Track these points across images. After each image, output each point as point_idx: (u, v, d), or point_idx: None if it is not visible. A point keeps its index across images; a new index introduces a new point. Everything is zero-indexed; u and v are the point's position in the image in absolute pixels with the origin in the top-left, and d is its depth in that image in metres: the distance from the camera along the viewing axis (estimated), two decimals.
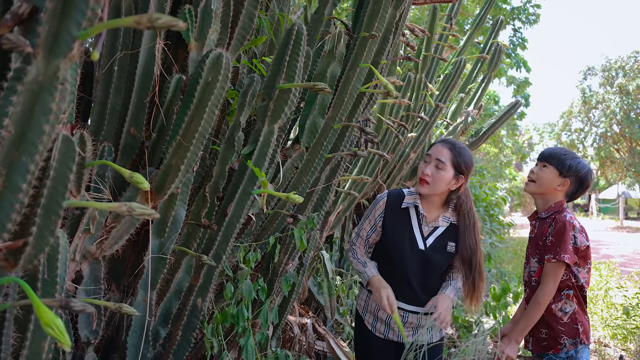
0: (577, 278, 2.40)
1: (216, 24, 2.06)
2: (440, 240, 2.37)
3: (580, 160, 2.50)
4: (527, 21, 14.89)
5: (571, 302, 2.41)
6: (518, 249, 12.46)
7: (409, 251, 2.35)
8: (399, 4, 2.69)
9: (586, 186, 2.50)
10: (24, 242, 1.17)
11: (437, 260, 2.36)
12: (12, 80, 1.01)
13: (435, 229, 2.38)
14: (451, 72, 5.37)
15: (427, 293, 2.36)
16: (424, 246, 2.36)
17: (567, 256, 2.32)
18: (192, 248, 2.18)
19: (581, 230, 2.40)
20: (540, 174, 2.51)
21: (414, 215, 2.40)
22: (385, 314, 2.37)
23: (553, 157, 2.50)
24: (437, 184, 2.31)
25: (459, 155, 2.32)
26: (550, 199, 2.51)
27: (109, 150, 1.87)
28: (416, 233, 2.38)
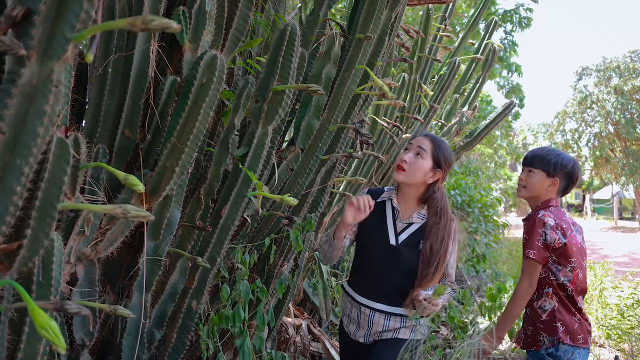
0: (556, 276, 2.41)
1: (210, 26, 2.06)
2: (413, 237, 2.26)
3: (564, 156, 2.53)
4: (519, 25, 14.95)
5: (550, 300, 2.43)
6: (513, 249, 12.50)
7: (380, 246, 2.27)
8: (395, 6, 2.70)
9: (575, 179, 2.54)
10: (18, 245, 1.16)
11: (409, 257, 2.23)
12: (5, 82, 1.01)
13: (409, 226, 2.29)
14: (445, 73, 5.38)
15: (397, 293, 2.24)
16: (396, 242, 2.26)
17: (532, 252, 2.37)
18: (187, 250, 2.17)
19: (555, 227, 2.40)
20: (529, 179, 2.54)
21: (389, 210, 2.33)
22: (355, 312, 2.30)
23: (537, 160, 2.53)
24: (414, 172, 2.25)
25: (439, 148, 2.27)
26: (541, 199, 2.53)
27: (104, 152, 1.87)
28: (389, 228, 2.29)
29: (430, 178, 2.27)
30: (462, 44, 6.24)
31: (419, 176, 2.25)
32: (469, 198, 8.36)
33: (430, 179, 2.27)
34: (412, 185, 2.28)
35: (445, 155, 2.28)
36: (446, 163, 2.28)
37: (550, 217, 2.42)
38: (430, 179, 2.27)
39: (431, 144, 2.28)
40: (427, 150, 2.26)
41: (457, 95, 5.90)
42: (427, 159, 2.25)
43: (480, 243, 8.24)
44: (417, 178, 2.25)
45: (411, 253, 2.23)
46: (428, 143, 2.28)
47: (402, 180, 2.28)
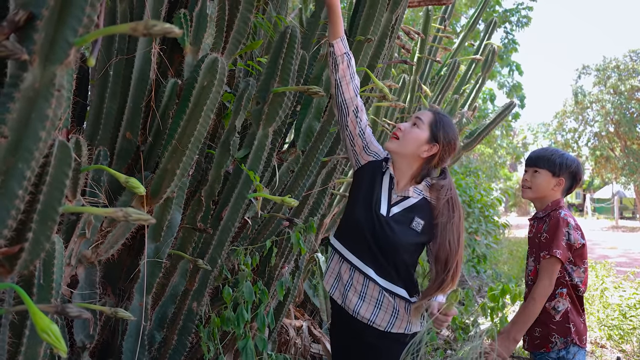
0: (571, 276, 2.41)
1: (211, 28, 2.06)
2: (407, 212, 2.04)
3: (568, 155, 2.53)
4: (519, 24, 14.99)
5: (564, 301, 2.42)
6: (513, 249, 12.51)
7: (369, 212, 2.03)
8: (395, 8, 2.70)
9: (579, 179, 2.54)
10: (19, 248, 1.17)
11: (399, 234, 1.99)
12: (8, 87, 1.01)
13: (405, 199, 2.06)
14: (445, 73, 5.38)
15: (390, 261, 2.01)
16: (387, 212, 2.03)
17: (559, 251, 2.34)
18: (188, 252, 2.18)
19: (576, 227, 2.41)
20: (534, 180, 2.53)
21: (387, 179, 2.08)
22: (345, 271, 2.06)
23: (542, 160, 2.52)
24: (406, 141, 2.04)
25: (440, 122, 2.05)
26: (547, 199, 2.53)
27: (105, 154, 1.87)
28: (383, 196, 2.06)
29: (424, 152, 2.04)
30: (462, 45, 6.24)
31: (412, 146, 2.03)
32: (469, 198, 8.35)
33: (425, 152, 2.04)
34: (405, 157, 2.06)
35: (445, 131, 2.05)
36: (445, 139, 2.04)
37: (571, 218, 2.42)
38: (424, 153, 2.04)
39: (432, 115, 2.08)
40: (424, 121, 2.05)
41: (457, 95, 5.90)
42: (424, 129, 2.04)
43: (480, 243, 8.24)
44: (409, 148, 2.04)
45: (401, 229, 2.01)
46: (429, 114, 2.08)
47: (392, 148, 2.07)
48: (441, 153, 2.05)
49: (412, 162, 2.06)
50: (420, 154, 2.04)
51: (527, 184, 2.57)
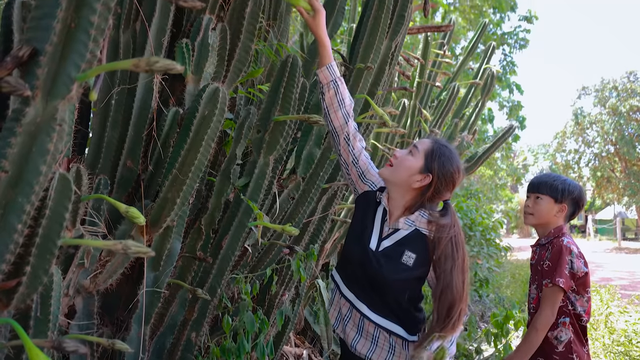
0: (574, 306, 2.39)
1: (213, 57, 2.08)
2: (398, 246, 1.91)
3: (570, 182, 2.53)
4: (516, 46, 15.15)
5: (567, 331, 2.39)
6: (516, 273, 12.42)
7: (359, 245, 1.95)
8: (395, 36, 2.72)
9: (582, 205, 2.53)
10: (17, 282, 1.16)
11: (387, 269, 1.88)
12: (10, 121, 1.02)
13: (395, 232, 1.94)
14: (445, 98, 5.41)
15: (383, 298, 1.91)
16: (376, 247, 1.92)
17: (561, 280, 2.32)
18: (187, 281, 2.16)
19: (579, 255, 2.39)
20: (537, 206, 2.52)
21: (381, 211, 1.99)
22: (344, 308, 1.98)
23: (544, 186, 2.51)
24: (399, 169, 1.93)
25: (437, 152, 1.92)
26: (550, 226, 2.51)
27: (105, 183, 1.87)
28: (375, 229, 1.96)
29: (417, 182, 1.91)
30: (461, 69, 6.28)
31: (404, 175, 1.92)
32: (470, 221, 8.33)
33: (417, 183, 1.91)
34: (397, 186, 1.95)
35: (441, 162, 1.91)
36: (441, 171, 1.91)
37: (574, 245, 2.40)
38: (416, 183, 1.91)
39: (430, 144, 1.95)
40: (420, 150, 1.94)
41: (457, 119, 5.93)
42: (419, 158, 1.92)
43: (482, 267, 8.19)
44: (400, 176, 1.93)
45: (390, 264, 1.89)
46: (427, 143, 1.96)
47: (384, 175, 1.98)
48: (436, 185, 1.91)
49: (405, 192, 1.94)
50: (412, 184, 1.92)
51: (529, 210, 2.56)
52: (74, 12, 1.01)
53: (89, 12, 1.01)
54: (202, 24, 2.03)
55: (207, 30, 2.04)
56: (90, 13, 1.01)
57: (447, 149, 1.96)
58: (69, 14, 1.01)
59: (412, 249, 1.90)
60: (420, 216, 1.93)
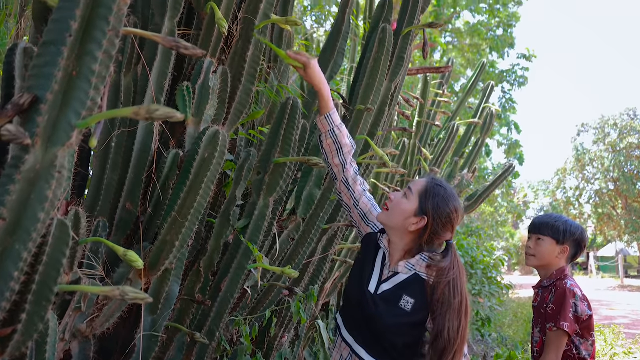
0: (578, 350, 2.35)
1: (214, 100, 2.10)
2: (397, 290, 1.85)
3: (572, 223, 2.51)
4: (516, 83, 15.34)
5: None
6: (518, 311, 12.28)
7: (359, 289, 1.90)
8: (394, 77, 2.75)
9: (583, 246, 2.51)
10: (12, 330, 1.14)
11: (384, 313, 1.82)
12: (9, 168, 1.02)
13: (395, 275, 1.88)
14: (444, 137, 5.44)
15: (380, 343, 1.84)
16: (375, 289, 1.87)
17: (566, 324, 2.28)
18: (186, 324, 2.14)
19: (583, 298, 2.36)
20: (538, 248, 2.50)
21: (381, 254, 1.95)
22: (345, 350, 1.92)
23: (546, 227, 2.50)
24: (394, 213, 1.89)
25: (431, 193, 1.86)
26: (552, 267, 2.49)
27: (104, 225, 1.87)
28: (375, 271, 1.92)
29: (412, 225, 1.85)
30: (460, 108, 6.34)
31: (399, 219, 1.87)
32: (471, 259, 8.28)
33: (413, 226, 1.85)
34: (394, 230, 1.90)
35: (435, 202, 1.85)
36: (436, 212, 1.85)
37: (578, 288, 2.37)
38: (412, 227, 1.86)
39: (424, 185, 1.90)
40: (414, 192, 1.89)
41: (457, 158, 5.96)
42: (412, 201, 1.87)
43: (484, 306, 8.10)
44: (396, 221, 1.88)
45: (387, 308, 1.83)
46: (421, 184, 1.91)
47: (381, 220, 1.95)
48: (432, 227, 1.85)
49: (402, 236, 1.89)
50: (408, 227, 1.86)
51: (531, 252, 2.54)
52: (75, 60, 1.03)
53: (90, 61, 1.03)
54: (203, 67, 2.05)
55: (208, 73, 2.06)
56: (92, 61, 1.03)
57: (442, 189, 1.89)
58: (70, 62, 1.02)
59: (411, 293, 1.83)
60: (421, 260, 1.88)
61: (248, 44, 2.16)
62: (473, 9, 13.97)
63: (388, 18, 2.80)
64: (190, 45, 1.10)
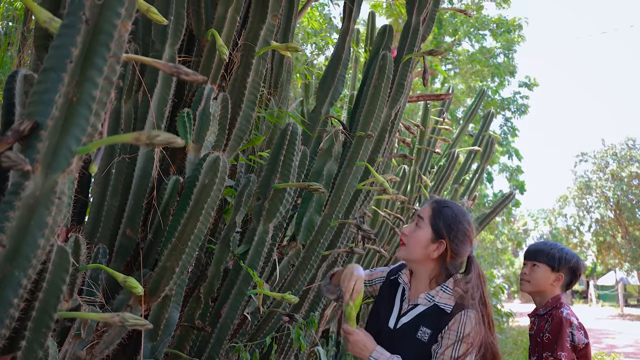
0: None
1: (214, 126, 2.11)
2: (414, 322, 1.84)
3: (567, 251, 2.51)
4: (517, 111, 15.44)
5: None
6: (518, 339, 12.14)
7: (381, 327, 1.92)
8: (394, 104, 2.77)
9: (579, 274, 2.50)
10: (12, 357, 1.13)
11: (405, 347, 1.82)
12: (9, 194, 1.02)
13: (414, 307, 1.87)
14: (445, 164, 5.46)
15: None
16: (394, 325, 1.88)
17: (564, 354, 2.27)
18: (185, 351, 2.11)
19: (579, 327, 2.35)
20: (533, 274, 2.50)
21: (400, 289, 1.96)
22: None
23: (541, 254, 2.51)
24: (412, 246, 1.87)
25: (438, 214, 1.86)
26: (547, 294, 2.48)
27: (104, 251, 1.86)
28: (395, 308, 1.92)
29: (434, 252, 1.85)
30: (461, 135, 6.37)
31: (419, 251, 1.86)
32: None
33: (435, 252, 1.85)
34: (417, 263, 1.90)
35: (447, 222, 1.85)
36: (451, 232, 1.84)
37: (574, 317, 2.36)
38: (434, 253, 1.85)
39: (430, 209, 1.89)
40: (424, 219, 1.88)
41: (457, 185, 5.96)
42: (425, 228, 1.86)
43: None
44: (415, 253, 1.87)
45: (406, 341, 1.83)
46: (427, 209, 1.90)
47: (402, 256, 1.94)
48: (452, 247, 1.84)
49: (427, 264, 1.88)
50: (430, 254, 1.86)
51: (526, 278, 2.54)
52: (76, 86, 1.03)
53: (91, 87, 1.03)
54: (203, 93, 2.07)
55: (209, 99, 2.08)
56: (92, 87, 1.03)
57: (448, 209, 1.89)
58: (71, 88, 1.02)
59: (428, 324, 1.82)
60: (442, 291, 1.85)
61: (248, 71, 2.18)
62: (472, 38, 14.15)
63: (388, 45, 2.84)
64: (191, 71, 1.11)
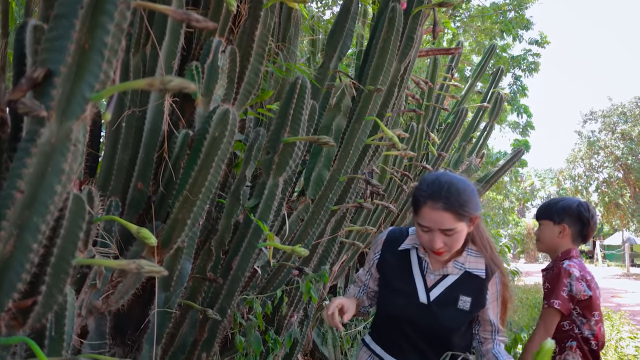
0: (580, 329, 2.35)
1: (222, 80, 2.10)
2: (450, 292, 1.80)
3: (566, 200, 2.51)
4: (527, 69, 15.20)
5: (574, 354, 2.35)
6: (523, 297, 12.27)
7: (408, 305, 1.82)
8: (404, 58, 2.75)
9: (586, 220, 2.46)
10: (33, 301, 1.16)
11: (447, 319, 1.77)
12: (25, 142, 1.03)
13: (444, 278, 1.82)
14: (453, 121, 5.43)
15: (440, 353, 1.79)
16: (427, 299, 1.80)
17: (557, 302, 2.30)
18: (198, 302, 2.16)
19: (580, 278, 2.35)
20: (540, 233, 2.55)
21: (415, 260, 1.87)
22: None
23: (541, 212, 2.56)
24: (455, 247, 1.77)
25: (458, 208, 1.71)
26: (558, 250, 2.50)
27: (116, 205, 1.89)
28: (417, 282, 1.83)
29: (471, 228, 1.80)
30: (469, 92, 6.31)
31: (461, 242, 1.78)
32: None
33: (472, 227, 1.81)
34: None
35: (466, 202, 1.73)
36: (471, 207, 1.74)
37: (576, 268, 2.37)
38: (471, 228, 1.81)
39: (449, 212, 1.71)
40: (454, 226, 1.72)
41: (465, 142, 5.94)
42: (460, 228, 1.73)
43: None
44: (460, 245, 1.79)
45: (449, 313, 1.78)
46: (447, 215, 1.71)
47: (445, 257, 1.84)
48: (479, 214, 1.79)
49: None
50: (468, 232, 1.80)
51: (537, 238, 2.58)
52: (87, 33, 1.03)
53: (102, 33, 1.03)
54: (211, 46, 2.06)
55: (217, 52, 2.06)
56: (103, 34, 1.03)
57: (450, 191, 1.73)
58: (82, 34, 1.02)
59: (467, 292, 1.80)
60: (469, 255, 1.83)
61: (256, 23, 2.16)
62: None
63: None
64: (202, 17, 1.10)
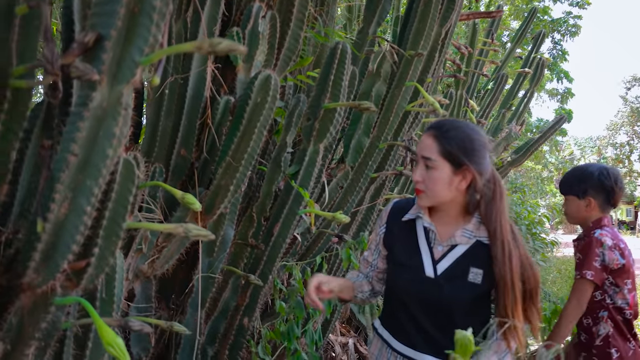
0: (612, 299, 2.31)
1: (263, 46, 2.09)
2: (459, 264, 1.61)
3: (586, 170, 2.42)
4: (567, 33, 14.72)
5: (605, 325, 2.32)
6: (562, 268, 12.12)
7: (413, 280, 1.64)
8: (444, 22, 2.69)
9: (610, 188, 2.36)
10: (86, 263, 1.19)
11: (456, 293, 1.59)
12: (77, 106, 1.04)
13: (452, 248, 1.63)
14: (492, 87, 5.31)
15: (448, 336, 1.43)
16: (434, 273, 1.62)
17: (590, 272, 2.26)
18: (240, 267, 2.20)
19: (613, 247, 2.29)
20: (566, 207, 2.49)
21: (422, 231, 1.68)
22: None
23: (564, 186, 2.49)
24: (434, 190, 1.59)
25: (445, 141, 1.56)
26: (588, 221, 2.44)
27: (160, 171, 1.91)
28: (423, 254, 1.65)
29: (461, 183, 1.59)
30: (509, 57, 6.15)
31: (443, 192, 1.59)
32: (515, 215, 8.17)
33: (462, 183, 1.59)
34: (446, 202, 1.63)
35: (459, 144, 1.56)
36: (466, 151, 1.56)
37: (608, 237, 2.32)
38: (462, 184, 1.59)
39: (434, 140, 1.58)
40: (434, 157, 1.57)
41: (505, 110, 5.82)
42: (441, 165, 1.57)
43: None
44: (442, 195, 1.60)
45: (458, 286, 1.60)
46: (430, 143, 1.59)
47: (427, 204, 1.65)
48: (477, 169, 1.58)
49: (457, 199, 1.63)
50: (458, 188, 1.60)
51: (565, 211, 2.53)
52: None
53: None
54: (252, 11, 2.04)
55: (257, 18, 2.05)
56: None
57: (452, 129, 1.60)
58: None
59: (478, 264, 1.60)
60: (479, 222, 1.63)
61: None
62: None
63: None
64: None
